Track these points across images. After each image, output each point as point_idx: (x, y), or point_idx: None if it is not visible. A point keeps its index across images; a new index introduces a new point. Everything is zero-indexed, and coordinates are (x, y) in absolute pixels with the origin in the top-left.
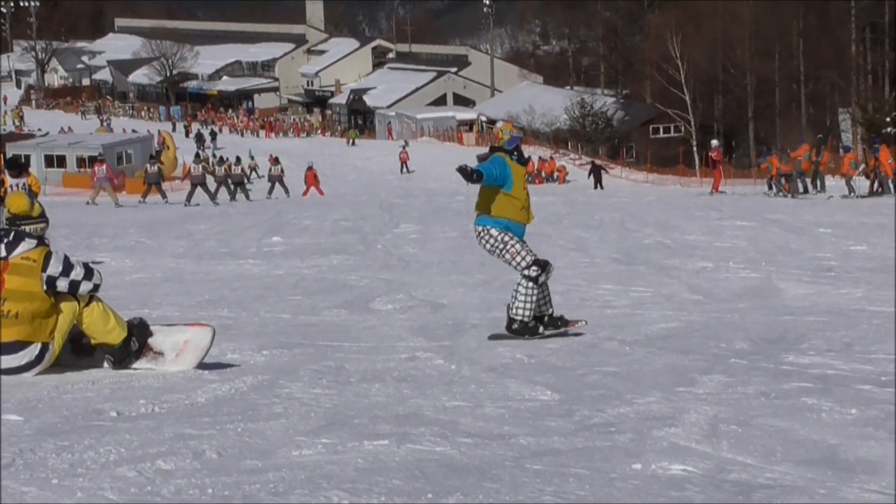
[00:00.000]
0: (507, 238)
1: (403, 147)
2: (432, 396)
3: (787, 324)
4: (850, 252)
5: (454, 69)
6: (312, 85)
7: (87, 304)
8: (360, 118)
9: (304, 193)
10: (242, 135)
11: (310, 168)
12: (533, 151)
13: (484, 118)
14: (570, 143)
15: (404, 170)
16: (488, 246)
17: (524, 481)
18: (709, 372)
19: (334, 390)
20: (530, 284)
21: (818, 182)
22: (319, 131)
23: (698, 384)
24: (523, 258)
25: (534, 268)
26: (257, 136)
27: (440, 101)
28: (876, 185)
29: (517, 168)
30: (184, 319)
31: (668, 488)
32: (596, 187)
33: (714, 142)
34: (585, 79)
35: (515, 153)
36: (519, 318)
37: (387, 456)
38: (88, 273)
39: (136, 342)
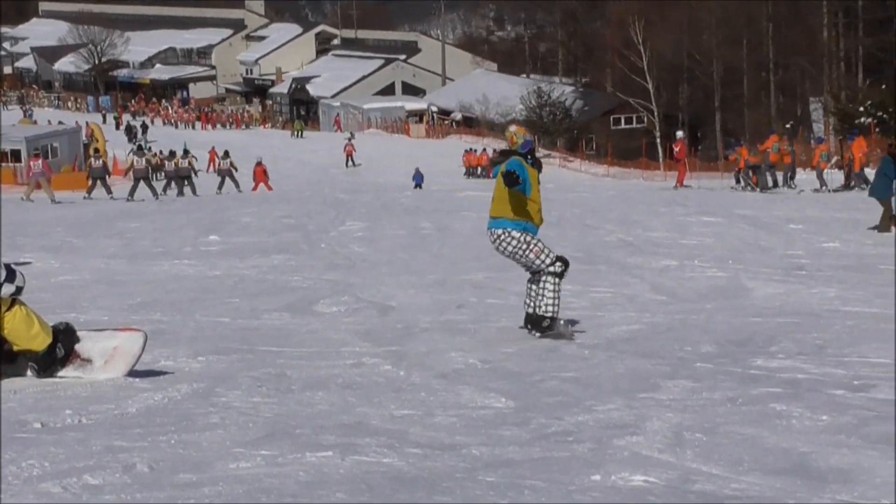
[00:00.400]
0: (529, 238)
1: (349, 139)
2: (379, 405)
3: (755, 325)
4: (823, 249)
5: (403, 56)
6: (252, 73)
7: (8, 308)
8: (302, 109)
9: (254, 189)
10: (177, 127)
11: (258, 164)
12: (486, 144)
13: (435, 108)
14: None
15: (350, 163)
16: (510, 248)
17: (477, 494)
18: (673, 377)
19: (275, 399)
20: (557, 280)
21: (790, 175)
22: (260, 123)
23: (662, 390)
24: (547, 255)
25: (558, 263)
26: (193, 128)
27: (388, 91)
28: (850, 178)
29: (532, 171)
30: (114, 324)
31: (629, 500)
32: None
33: (679, 133)
34: (542, 66)
35: (530, 157)
36: (549, 314)
37: (330, 468)
38: (10, 275)
39: (61, 348)
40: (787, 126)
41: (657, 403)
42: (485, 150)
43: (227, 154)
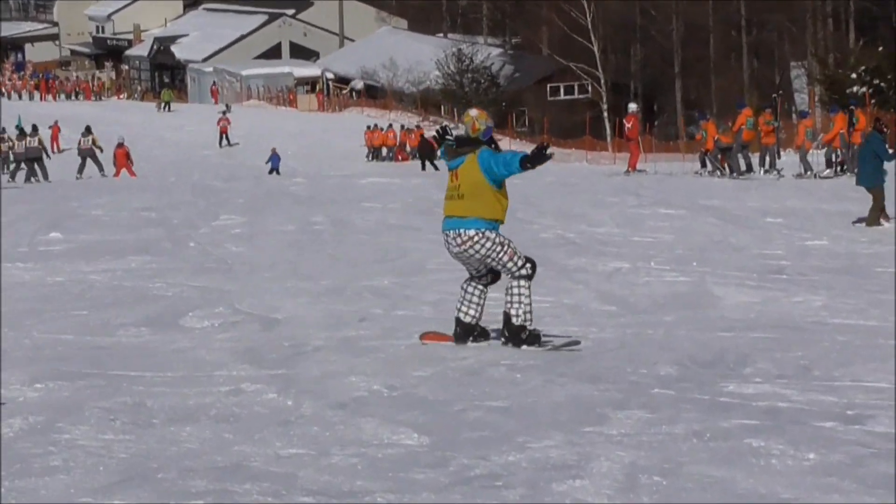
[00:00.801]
0: (503, 239)
1: (223, 113)
2: (262, 442)
3: (725, 342)
4: (807, 248)
5: (291, 11)
6: (103, 32)
7: None
8: (166, 75)
9: (116, 175)
10: (9, 97)
11: (120, 145)
12: (395, 119)
13: (330, 75)
14: (443, 108)
15: (224, 142)
16: (483, 251)
17: None
18: (625, 406)
19: (132, 435)
20: (527, 284)
21: (771, 158)
22: (113, 93)
23: (611, 422)
24: (519, 257)
25: (528, 265)
26: (31, 98)
27: (273, 53)
28: (838, 161)
29: None
30: None
31: None
32: (424, 168)
33: (631, 106)
34: (463, 24)
35: (493, 144)
36: (528, 323)
37: None
38: None
39: None
40: (775, 96)
41: (605, 439)
42: (391, 126)
43: (88, 131)
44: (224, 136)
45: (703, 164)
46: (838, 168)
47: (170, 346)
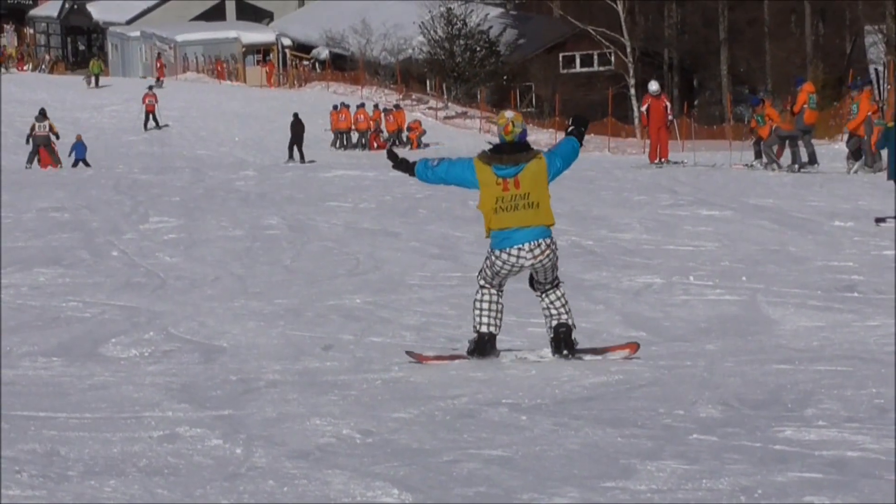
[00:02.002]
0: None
1: (150, 88)
2: (204, 499)
3: (782, 377)
4: (884, 260)
5: None
6: None
7: None
8: (81, 41)
9: (43, 165)
10: None
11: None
12: (368, 97)
13: (288, 42)
14: (429, 83)
15: (151, 124)
16: (554, 258)
17: None
18: (656, 456)
19: (42, 491)
20: (564, 289)
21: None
22: (15, 62)
23: (639, 476)
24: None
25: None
26: None
27: (215, 14)
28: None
29: None
30: None
31: None
32: (291, 156)
33: (652, 86)
34: None
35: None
36: (574, 329)
37: None
38: None
39: None
40: (876, 70)
41: (631, 497)
42: (363, 105)
43: (44, 115)
44: (151, 116)
45: (758, 155)
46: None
47: (88, 381)
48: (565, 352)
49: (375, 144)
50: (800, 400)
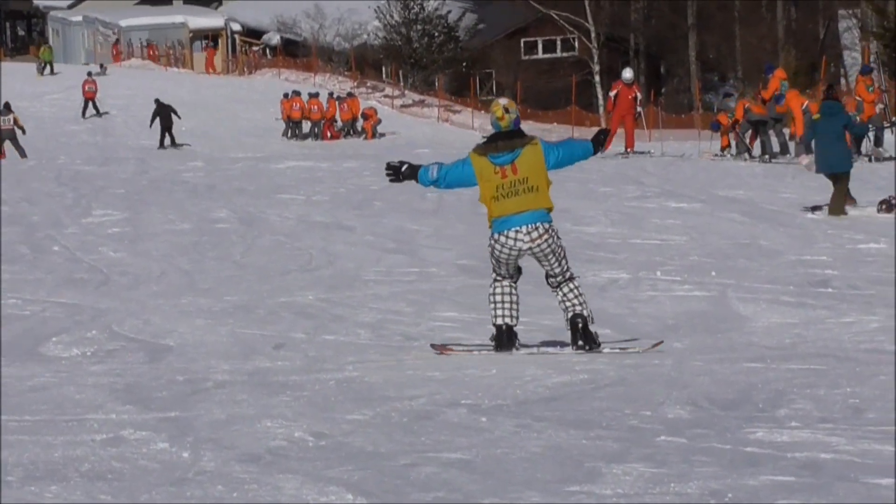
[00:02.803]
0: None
1: (89, 75)
2: None
3: (753, 375)
4: (859, 253)
5: None
6: None
7: None
8: (21, 26)
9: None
10: None
11: None
12: (321, 84)
13: (237, 27)
14: (385, 70)
15: (90, 111)
16: (553, 245)
17: None
18: (622, 458)
19: None
20: (579, 282)
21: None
22: None
23: (604, 479)
24: (567, 257)
25: (570, 267)
26: None
27: None
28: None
29: None
30: None
31: None
32: (163, 143)
33: (626, 73)
34: None
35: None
36: (592, 322)
37: None
38: None
39: None
40: (874, 56)
41: (597, 500)
42: (317, 94)
43: (8, 108)
44: (90, 103)
45: (728, 145)
46: None
47: (28, 382)
48: (581, 343)
49: (329, 134)
50: (771, 400)
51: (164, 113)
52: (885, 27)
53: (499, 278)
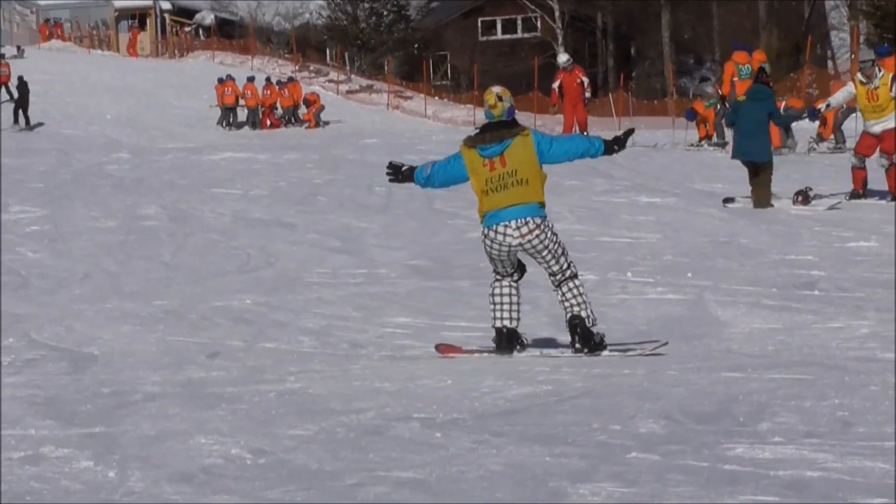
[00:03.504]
0: (556, 230)
1: (2, 57)
2: None
3: (733, 386)
4: (847, 252)
5: None
6: None
7: None
8: None
9: None
10: None
11: None
12: (260, 68)
13: (167, 5)
14: (329, 53)
15: (4, 96)
16: (546, 241)
17: None
18: (589, 477)
19: None
20: (581, 281)
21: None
22: None
23: (569, 499)
24: (568, 253)
25: (573, 263)
26: None
27: None
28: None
29: None
30: None
31: None
32: (16, 119)
33: (561, 57)
34: None
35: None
36: (596, 326)
37: None
38: None
39: None
40: (863, 38)
41: None
42: (254, 79)
43: None
44: (3, 88)
45: (705, 135)
46: None
47: None
48: (579, 346)
49: (269, 123)
50: (753, 413)
51: (23, 92)
52: (876, 5)
53: (498, 277)
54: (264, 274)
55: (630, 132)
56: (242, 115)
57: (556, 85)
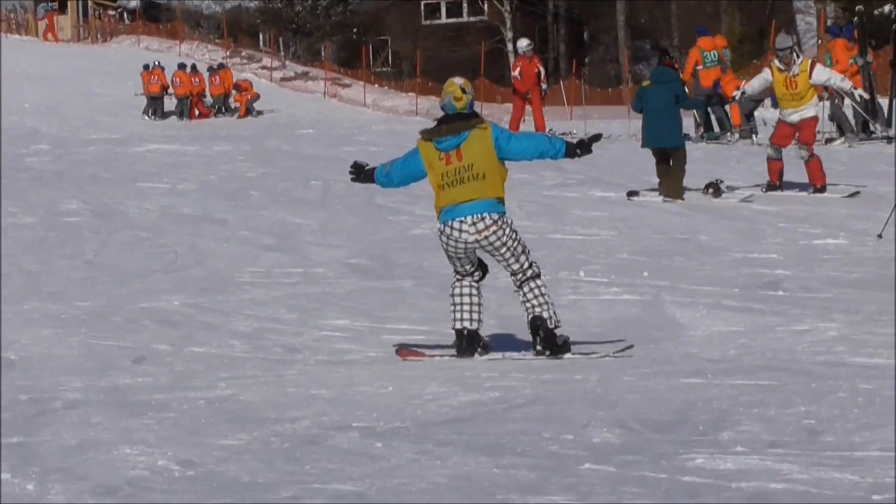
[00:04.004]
0: (515, 226)
1: None
2: None
3: (692, 392)
4: (814, 250)
5: None
6: None
7: None
8: None
9: None
10: None
11: None
12: (188, 54)
13: None
14: (263, 37)
15: None
16: (504, 237)
17: None
18: (541, 490)
19: None
20: (543, 282)
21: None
22: None
23: None
24: (529, 252)
25: (535, 263)
26: None
27: None
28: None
29: None
30: None
31: None
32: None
33: (522, 42)
34: None
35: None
36: (559, 328)
37: None
38: None
39: None
40: (830, 22)
41: None
42: (183, 67)
43: None
44: None
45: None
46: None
47: None
48: (541, 348)
49: (198, 112)
50: (713, 421)
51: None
52: None
53: (458, 277)
54: (193, 273)
55: (596, 137)
56: (170, 104)
57: (516, 73)
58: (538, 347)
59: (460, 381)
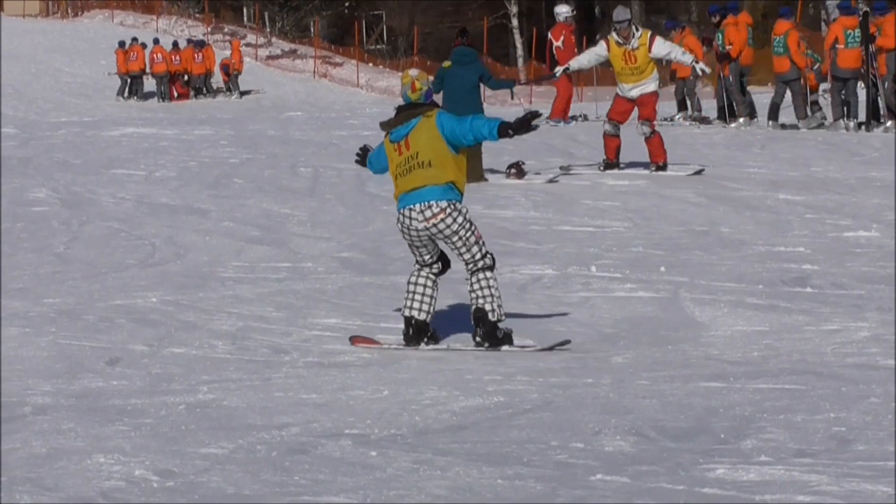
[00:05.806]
0: (470, 216)
1: None
2: None
3: (713, 398)
4: (844, 243)
5: None
6: None
7: None
8: None
9: None
10: None
11: None
12: (166, 30)
13: None
14: (247, 12)
15: None
16: (455, 226)
17: None
18: (550, 502)
19: None
20: (494, 275)
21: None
22: None
23: None
24: (484, 243)
25: (489, 254)
26: None
27: None
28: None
29: None
30: None
31: None
32: None
33: (561, 10)
34: None
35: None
36: (503, 322)
37: None
38: None
39: None
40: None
41: None
42: (159, 42)
43: None
44: None
45: (681, 107)
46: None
47: None
48: (479, 339)
49: (176, 93)
50: (735, 428)
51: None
52: None
53: (417, 266)
54: (172, 268)
55: (535, 114)
56: (149, 85)
57: (559, 43)
58: (477, 339)
59: (461, 385)
